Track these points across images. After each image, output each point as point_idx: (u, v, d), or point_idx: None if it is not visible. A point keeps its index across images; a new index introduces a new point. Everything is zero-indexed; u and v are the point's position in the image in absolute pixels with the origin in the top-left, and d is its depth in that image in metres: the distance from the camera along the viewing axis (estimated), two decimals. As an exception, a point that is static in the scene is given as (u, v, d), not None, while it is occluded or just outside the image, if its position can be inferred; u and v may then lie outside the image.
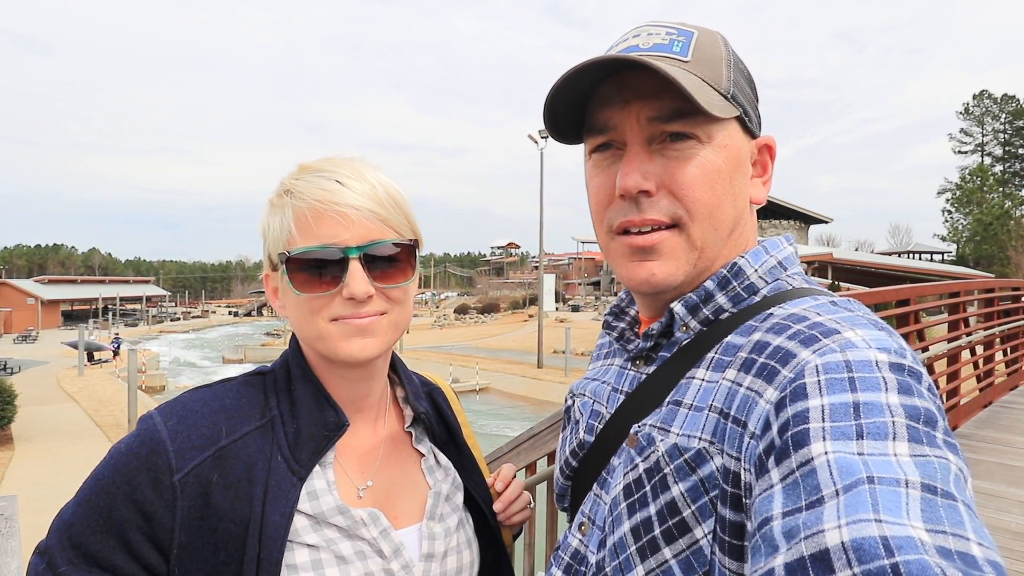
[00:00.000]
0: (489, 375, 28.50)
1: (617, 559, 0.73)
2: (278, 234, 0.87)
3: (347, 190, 0.85)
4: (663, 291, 0.79)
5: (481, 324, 57.26)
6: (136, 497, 0.78)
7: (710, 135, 0.75)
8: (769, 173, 0.84)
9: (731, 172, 0.77)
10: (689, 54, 0.75)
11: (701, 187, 0.74)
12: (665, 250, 0.76)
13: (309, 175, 0.87)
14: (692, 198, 0.74)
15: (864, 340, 0.61)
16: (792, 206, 45.13)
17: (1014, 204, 62.42)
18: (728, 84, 0.76)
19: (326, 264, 0.85)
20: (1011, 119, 72.08)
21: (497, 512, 1.10)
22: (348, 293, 0.84)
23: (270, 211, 0.90)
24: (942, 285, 7.23)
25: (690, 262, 0.77)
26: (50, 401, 22.27)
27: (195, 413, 0.84)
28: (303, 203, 0.85)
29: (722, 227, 0.77)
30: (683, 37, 0.77)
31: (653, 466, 0.71)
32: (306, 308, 0.87)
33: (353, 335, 0.86)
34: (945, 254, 63.47)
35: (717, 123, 0.75)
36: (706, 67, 0.75)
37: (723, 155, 0.76)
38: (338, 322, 0.86)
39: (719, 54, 0.77)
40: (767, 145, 0.83)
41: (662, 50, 0.75)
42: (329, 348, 0.87)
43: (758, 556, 0.52)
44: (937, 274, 32.13)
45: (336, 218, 0.84)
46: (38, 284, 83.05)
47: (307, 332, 0.88)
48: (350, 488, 0.91)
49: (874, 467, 0.50)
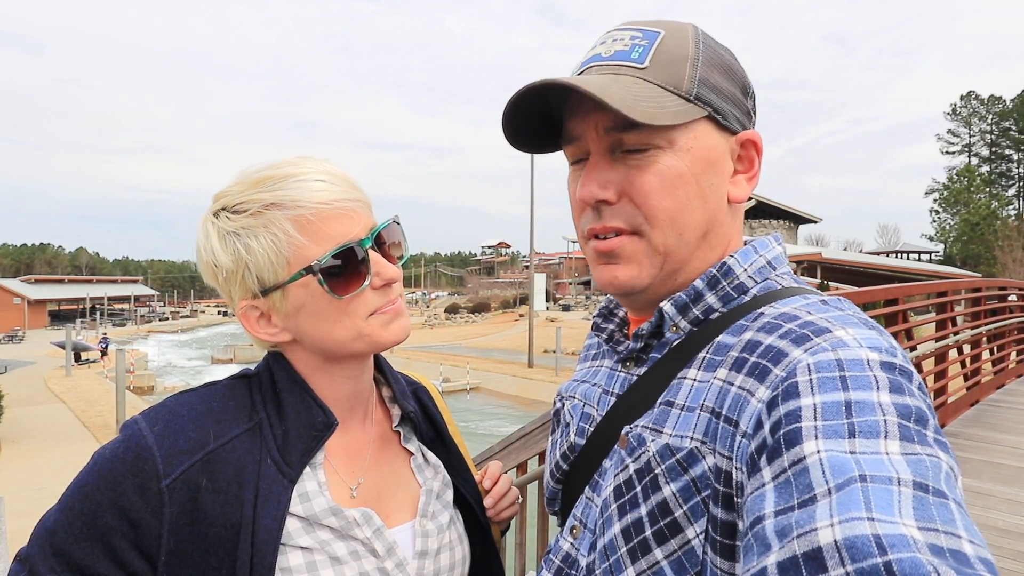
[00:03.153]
0: (480, 375, 28.47)
1: (608, 561, 0.72)
2: (274, 252, 0.83)
3: (335, 186, 0.86)
4: (629, 293, 0.79)
5: (471, 324, 57.24)
6: (122, 504, 0.76)
7: (671, 140, 0.74)
8: (755, 169, 0.81)
9: (697, 175, 0.75)
10: (648, 59, 0.74)
11: (660, 194, 0.74)
12: (626, 255, 0.77)
13: (283, 182, 0.84)
14: (650, 205, 0.74)
15: (855, 339, 0.61)
16: (782, 206, 45.31)
17: (1000, 204, 63.20)
18: (691, 85, 0.74)
19: (356, 261, 0.85)
20: (997, 120, 72.92)
21: (487, 508, 1.12)
22: (382, 279, 0.87)
23: (246, 234, 0.84)
24: (930, 285, 7.28)
25: (654, 266, 0.77)
26: (37, 402, 22.08)
27: (182, 418, 0.82)
28: (303, 210, 0.82)
29: (688, 231, 0.76)
30: (647, 40, 0.75)
31: (644, 467, 0.71)
32: (340, 312, 0.86)
33: (391, 321, 0.89)
34: (933, 254, 64.04)
35: (678, 127, 0.74)
36: (664, 71, 0.74)
37: (686, 159, 0.75)
38: (376, 315, 0.87)
39: (684, 54, 0.75)
40: (750, 140, 0.80)
41: (621, 58, 0.75)
42: (371, 342, 0.88)
43: (750, 555, 0.52)
44: (925, 274, 32.42)
45: (344, 214, 0.85)
46: (24, 284, 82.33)
47: (340, 337, 0.87)
48: (342, 488, 0.90)
49: (866, 465, 0.50)
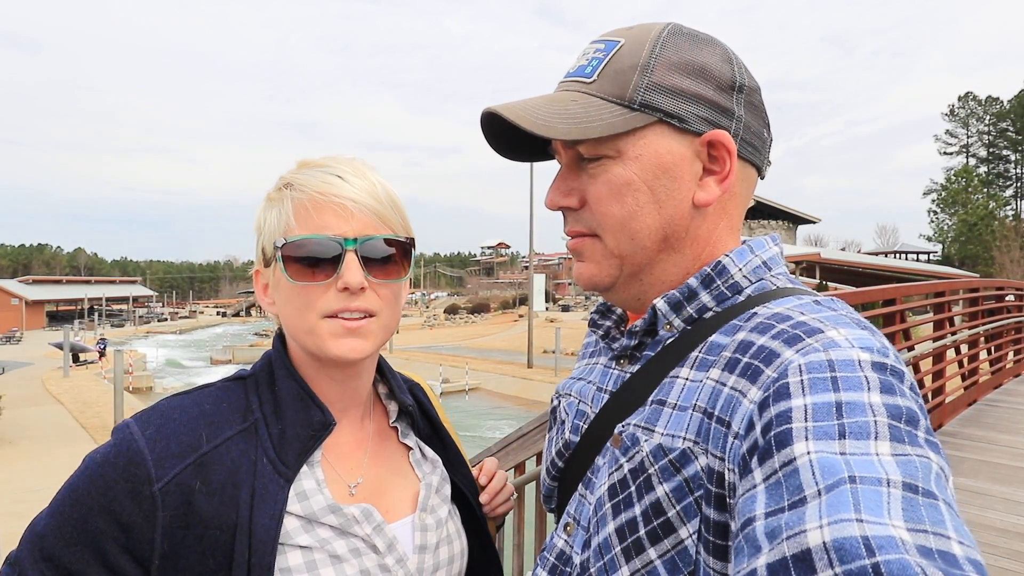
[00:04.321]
0: (479, 375, 28.49)
1: (602, 560, 0.73)
2: (275, 226, 0.88)
3: (347, 184, 0.87)
4: (595, 288, 0.84)
5: (471, 324, 57.30)
6: (113, 508, 0.76)
7: (619, 150, 0.75)
8: (726, 170, 0.78)
9: (648, 181, 0.76)
10: (596, 73, 0.77)
11: (607, 202, 0.77)
12: (587, 254, 0.82)
13: (310, 170, 0.89)
14: (600, 212, 0.78)
15: (847, 339, 0.61)
16: (781, 206, 45.43)
17: (998, 205, 63.24)
18: (634, 93, 0.74)
19: (322, 254, 0.85)
20: (995, 121, 73.06)
21: (483, 504, 1.13)
22: (343, 283, 0.84)
23: (267, 205, 0.90)
24: (927, 285, 7.30)
25: (612, 266, 0.80)
26: (35, 403, 22.05)
27: (173, 421, 0.82)
28: (303, 194, 0.86)
29: (640, 236, 0.77)
30: (603, 52, 0.78)
31: (638, 466, 0.71)
32: (299, 301, 0.86)
33: (343, 335, 0.86)
34: (931, 254, 64.18)
35: (625, 136, 0.75)
36: (609, 82, 0.75)
37: (634, 166, 0.75)
38: (329, 320, 0.85)
39: (634, 62, 0.75)
40: (716, 141, 0.77)
41: (578, 73, 0.79)
42: (318, 345, 0.86)
43: (741, 556, 0.52)
44: (923, 274, 32.45)
45: (336, 209, 0.86)
46: (22, 284, 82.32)
47: (298, 326, 0.88)
48: (340, 486, 0.90)
49: (856, 467, 0.50)
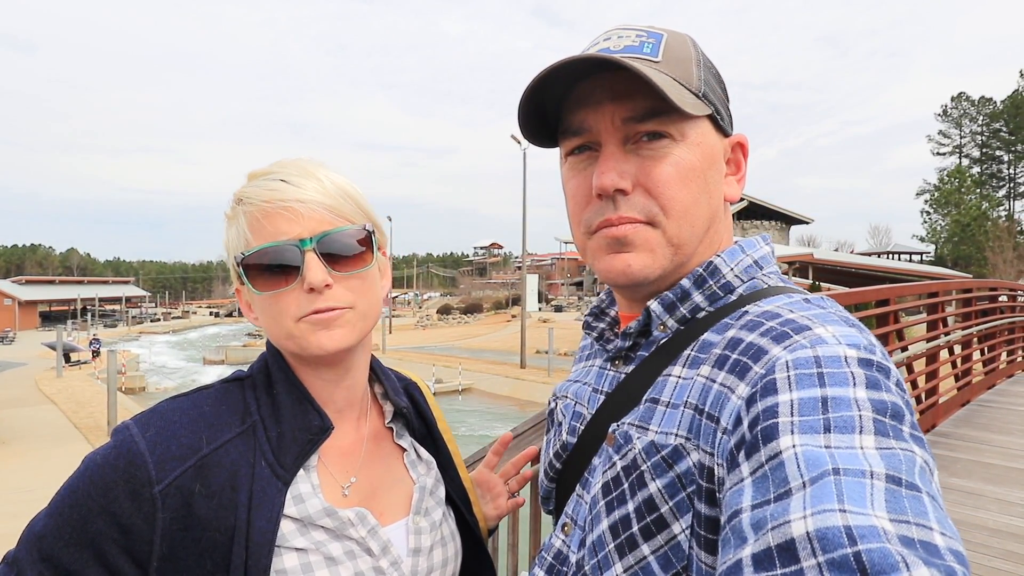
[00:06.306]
0: (472, 375, 28.43)
1: (596, 557, 0.73)
2: (236, 243, 0.88)
3: (292, 187, 0.86)
4: (640, 284, 0.79)
5: (464, 324, 57.15)
6: (113, 510, 0.76)
7: (683, 133, 0.76)
8: (743, 171, 0.85)
9: (705, 169, 0.78)
10: (660, 55, 0.76)
11: (676, 185, 0.75)
12: (640, 242, 0.77)
13: (257, 180, 0.89)
14: (667, 196, 0.75)
15: (834, 336, 0.62)
16: (774, 207, 45.41)
17: (991, 205, 63.46)
18: (699, 83, 0.77)
19: (282, 260, 0.85)
20: (988, 121, 73.23)
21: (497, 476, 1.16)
22: (307, 284, 0.84)
23: (227, 224, 0.90)
24: (921, 285, 7.31)
25: (666, 256, 0.78)
26: (28, 403, 21.89)
27: (174, 423, 0.82)
28: (253, 206, 0.86)
29: (697, 224, 0.78)
30: (652, 39, 0.78)
31: (630, 463, 0.72)
32: (273, 309, 0.86)
33: (321, 328, 0.85)
34: (924, 255, 64.38)
35: (690, 121, 0.76)
36: (677, 67, 0.76)
37: (697, 153, 0.77)
38: (304, 320, 0.85)
39: (688, 54, 0.78)
40: (739, 143, 0.85)
41: (633, 52, 0.76)
42: (300, 345, 0.86)
43: (727, 548, 0.53)
44: (916, 274, 32.56)
45: (285, 214, 0.85)
46: (15, 285, 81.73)
47: (278, 333, 0.88)
48: (335, 488, 0.91)
49: (840, 459, 0.51)
